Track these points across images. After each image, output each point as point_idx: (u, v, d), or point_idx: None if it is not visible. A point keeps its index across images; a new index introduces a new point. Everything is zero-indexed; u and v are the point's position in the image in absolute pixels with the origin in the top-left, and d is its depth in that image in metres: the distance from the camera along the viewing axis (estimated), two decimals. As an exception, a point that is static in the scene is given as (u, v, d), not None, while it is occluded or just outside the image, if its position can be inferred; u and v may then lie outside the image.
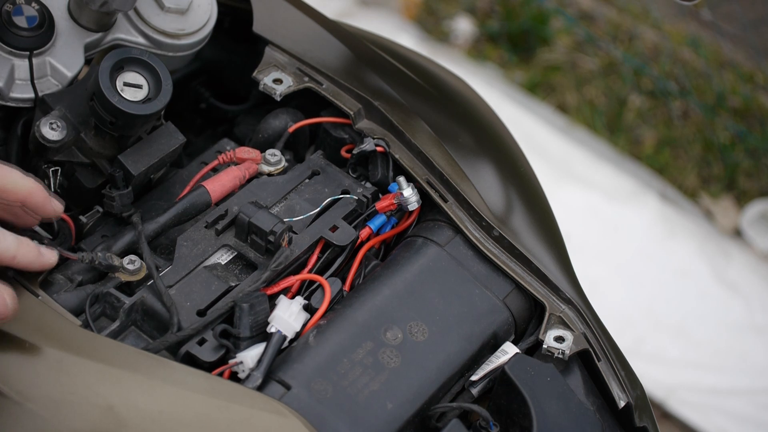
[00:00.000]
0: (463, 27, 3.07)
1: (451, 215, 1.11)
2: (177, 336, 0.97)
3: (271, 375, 0.96)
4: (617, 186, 2.74)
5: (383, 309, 1.02)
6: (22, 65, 1.07)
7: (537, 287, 1.09)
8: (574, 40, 3.08)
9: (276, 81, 1.18)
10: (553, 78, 2.99)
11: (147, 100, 1.05)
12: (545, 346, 1.05)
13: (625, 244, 2.64)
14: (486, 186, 1.16)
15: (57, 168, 1.09)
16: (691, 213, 2.72)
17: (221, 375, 0.96)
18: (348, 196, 1.12)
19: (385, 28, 2.91)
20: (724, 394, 2.38)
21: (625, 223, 2.68)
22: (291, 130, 1.17)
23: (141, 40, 1.14)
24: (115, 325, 0.99)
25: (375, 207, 1.11)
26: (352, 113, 1.16)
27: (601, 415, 1.05)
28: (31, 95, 1.08)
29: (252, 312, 0.99)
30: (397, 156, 1.14)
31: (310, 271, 1.06)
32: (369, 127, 1.16)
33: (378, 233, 1.12)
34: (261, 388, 0.95)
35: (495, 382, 1.02)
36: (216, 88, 1.32)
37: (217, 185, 1.10)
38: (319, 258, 1.07)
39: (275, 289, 1.03)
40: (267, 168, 1.13)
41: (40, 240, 1.00)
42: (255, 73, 1.18)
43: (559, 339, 1.06)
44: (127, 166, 1.08)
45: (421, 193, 1.12)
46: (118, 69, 1.05)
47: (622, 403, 1.06)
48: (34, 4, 1.07)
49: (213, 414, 0.89)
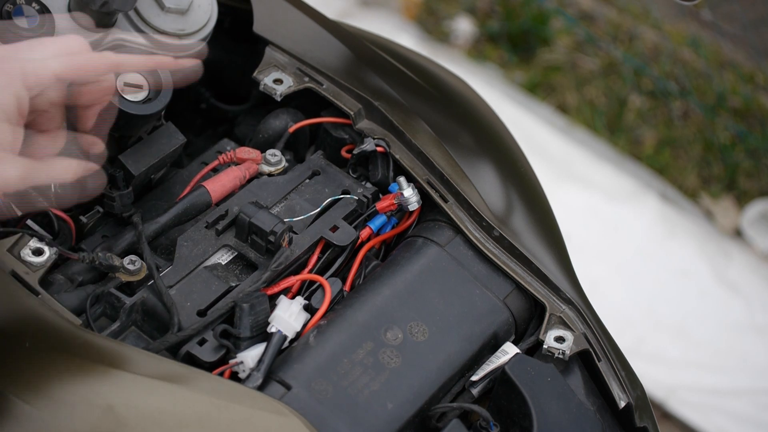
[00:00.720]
0: (464, 27, 3.06)
1: (452, 215, 1.11)
2: (177, 336, 0.97)
3: (272, 375, 0.96)
4: (617, 186, 2.74)
5: (383, 309, 1.02)
6: (22, 65, 1.07)
7: (537, 287, 1.09)
8: (574, 40, 3.08)
9: (276, 81, 1.18)
10: (554, 78, 2.99)
11: (147, 100, 1.05)
12: (545, 346, 1.05)
13: (626, 244, 2.64)
14: (486, 186, 1.16)
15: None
16: (692, 213, 2.71)
17: (222, 375, 0.96)
18: (348, 196, 1.12)
19: (386, 28, 2.90)
20: (724, 394, 2.38)
21: (626, 224, 2.68)
22: (291, 130, 1.17)
23: (141, 40, 1.14)
24: (116, 325, 0.99)
25: (375, 207, 1.11)
26: (352, 113, 1.16)
27: (602, 416, 1.05)
28: (32, 95, 1.08)
29: (252, 312, 0.99)
30: (398, 156, 1.14)
31: (310, 272, 1.06)
32: (369, 128, 1.16)
33: (378, 233, 1.12)
34: (261, 388, 0.95)
35: (495, 382, 1.02)
36: (216, 88, 1.31)
37: (218, 185, 1.10)
38: (320, 258, 1.07)
39: (275, 290, 1.03)
40: (267, 168, 1.13)
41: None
42: (255, 74, 1.18)
43: (560, 339, 1.06)
44: (128, 166, 1.08)
45: (422, 194, 1.12)
46: (118, 69, 1.05)
47: (622, 404, 1.06)
48: (34, 4, 1.07)
49: (213, 414, 0.89)
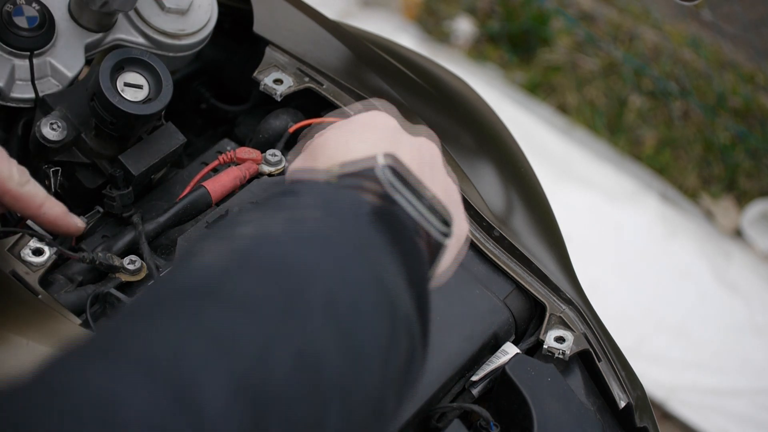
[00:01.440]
0: (464, 27, 3.07)
1: (452, 215, 1.11)
2: (177, 336, 0.97)
3: (272, 375, 0.96)
4: (618, 186, 2.74)
5: (384, 309, 1.02)
6: (22, 65, 1.07)
7: (537, 287, 1.09)
8: (574, 40, 3.08)
9: (276, 81, 1.18)
10: (554, 78, 2.99)
11: (147, 100, 1.05)
12: (546, 346, 1.05)
13: (626, 244, 2.64)
14: (486, 186, 1.16)
15: (57, 168, 1.09)
16: (692, 213, 2.72)
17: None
18: (348, 196, 1.11)
19: (386, 28, 2.91)
20: (724, 394, 2.38)
21: (626, 224, 2.68)
22: (291, 130, 1.17)
23: (141, 40, 1.14)
24: (116, 326, 0.99)
25: (375, 207, 1.11)
26: (352, 114, 1.16)
27: (602, 416, 1.05)
28: (32, 95, 1.08)
29: (252, 312, 0.99)
30: (398, 156, 1.14)
31: (310, 272, 1.06)
32: (369, 128, 1.16)
33: (378, 233, 1.11)
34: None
35: (495, 382, 1.02)
36: (216, 88, 1.31)
37: (218, 185, 1.10)
38: (320, 258, 1.07)
39: (276, 290, 1.03)
40: (267, 168, 1.13)
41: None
42: (255, 74, 1.18)
43: (560, 339, 1.06)
44: (128, 166, 1.08)
45: (422, 194, 1.12)
46: (118, 69, 1.05)
47: (622, 404, 1.06)
48: (34, 4, 1.07)
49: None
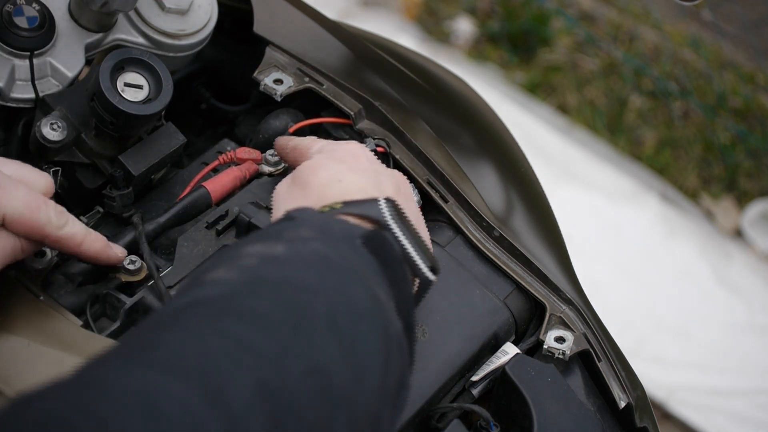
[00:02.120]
0: (464, 27, 3.07)
1: (452, 216, 1.11)
2: (177, 336, 0.97)
3: (272, 375, 0.96)
4: (618, 186, 2.74)
5: (384, 309, 1.02)
6: (22, 66, 1.07)
7: (537, 288, 1.09)
8: (574, 40, 3.08)
9: (276, 81, 1.18)
10: (554, 78, 2.99)
11: (147, 100, 1.05)
12: (546, 346, 1.05)
13: (626, 244, 2.64)
14: (486, 186, 1.16)
15: (57, 168, 1.09)
16: (692, 213, 2.72)
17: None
18: (348, 196, 1.11)
19: (386, 28, 2.91)
20: (724, 394, 2.38)
21: (626, 224, 2.68)
22: (291, 130, 1.17)
23: (141, 40, 1.14)
24: (116, 326, 0.99)
25: (375, 207, 1.11)
26: (352, 114, 1.16)
27: (602, 416, 1.05)
28: (32, 96, 1.08)
29: (252, 312, 0.99)
30: (398, 156, 1.14)
31: (310, 272, 1.06)
32: (369, 128, 1.16)
33: (378, 234, 1.12)
34: (261, 388, 0.94)
35: (495, 382, 1.02)
36: (217, 88, 1.32)
37: (218, 186, 1.10)
38: (320, 258, 1.07)
39: (276, 290, 1.03)
40: (268, 168, 1.13)
41: None
42: (255, 74, 1.18)
43: (560, 339, 1.06)
44: (128, 166, 1.08)
45: (422, 194, 1.12)
46: (118, 69, 1.05)
47: (622, 404, 1.06)
48: (34, 4, 1.07)
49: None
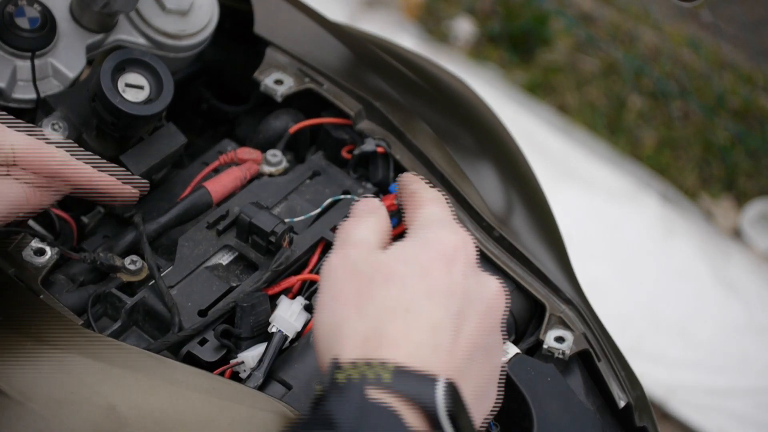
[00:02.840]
0: (464, 28, 3.07)
1: (452, 216, 1.11)
2: (178, 336, 0.97)
3: (273, 375, 0.96)
4: (617, 186, 2.75)
5: (384, 309, 1.02)
6: (24, 66, 1.08)
7: (537, 287, 1.09)
8: (574, 40, 3.08)
9: (277, 82, 1.18)
10: (554, 79, 2.99)
11: (148, 101, 1.06)
12: (545, 346, 1.05)
13: (626, 244, 2.65)
14: (486, 187, 1.16)
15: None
16: (692, 213, 2.72)
17: (222, 375, 0.96)
18: (349, 196, 1.12)
19: (386, 28, 2.91)
20: (724, 394, 2.38)
21: (626, 224, 2.68)
22: (292, 130, 1.17)
23: (142, 41, 1.14)
24: (117, 325, 0.99)
25: (376, 207, 1.11)
26: (352, 114, 1.16)
27: (602, 416, 1.05)
28: (33, 96, 1.08)
29: (253, 312, 0.99)
30: (398, 157, 1.14)
31: (311, 272, 1.06)
32: (370, 128, 1.16)
33: (379, 234, 1.12)
34: (262, 387, 0.95)
35: (495, 382, 1.02)
36: (217, 88, 1.32)
37: (219, 186, 1.10)
38: (320, 258, 1.07)
39: (276, 290, 1.04)
40: (268, 168, 1.14)
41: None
42: (256, 74, 1.19)
43: (560, 339, 1.06)
44: (129, 166, 1.08)
45: (422, 194, 1.13)
46: (119, 70, 1.05)
47: (622, 404, 1.06)
48: (36, 5, 1.08)
49: (214, 413, 0.90)
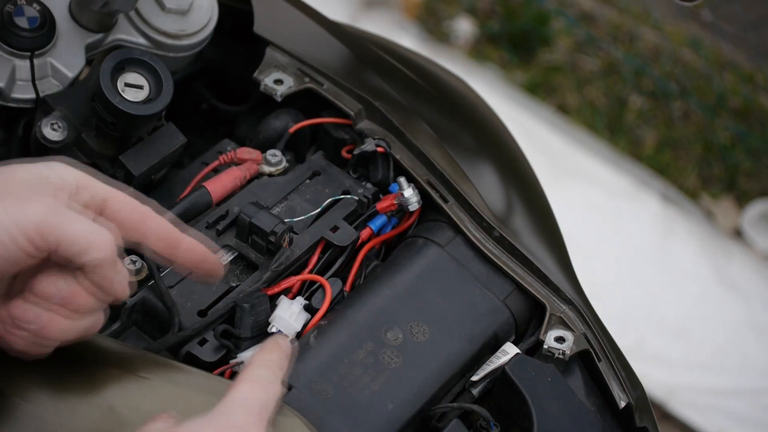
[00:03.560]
0: (464, 27, 3.07)
1: (452, 216, 1.11)
2: (178, 336, 0.97)
3: (272, 375, 0.96)
4: (618, 186, 2.74)
5: (384, 309, 1.02)
6: (23, 66, 1.07)
7: (538, 288, 1.09)
8: (574, 40, 3.08)
9: (277, 82, 1.18)
10: (554, 79, 2.99)
11: (148, 100, 1.05)
12: (546, 346, 1.05)
13: (626, 244, 2.64)
14: (487, 186, 1.16)
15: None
16: (692, 213, 2.72)
17: (222, 375, 0.96)
18: (349, 196, 1.12)
19: (386, 29, 2.91)
20: (725, 394, 2.38)
21: (626, 224, 2.68)
22: (292, 130, 1.17)
23: (142, 40, 1.14)
24: (116, 326, 0.99)
25: (376, 207, 1.11)
26: (352, 114, 1.16)
27: (602, 416, 1.05)
28: (32, 96, 1.08)
29: (253, 312, 0.99)
30: (398, 156, 1.14)
31: (310, 272, 1.06)
32: (370, 128, 1.16)
33: (379, 234, 1.12)
34: (262, 388, 0.95)
35: (496, 382, 1.02)
36: (217, 88, 1.32)
37: (218, 186, 1.10)
38: (320, 258, 1.07)
39: (276, 290, 1.03)
40: (268, 168, 1.13)
41: None
42: (256, 74, 1.18)
43: (560, 339, 1.06)
44: (128, 166, 1.08)
45: (422, 194, 1.12)
46: (119, 70, 1.05)
47: (622, 404, 1.06)
48: (35, 4, 1.07)
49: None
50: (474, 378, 1.03)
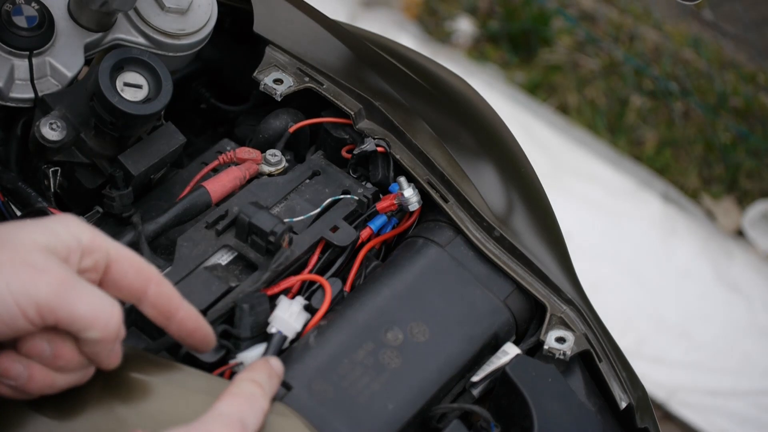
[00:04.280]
0: (464, 27, 3.06)
1: (452, 216, 1.11)
2: (177, 336, 0.97)
3: (272, 376, 0.96)
4: (618, 186, 2.74)
5: (384, 310, 1.02)
6: (21, 65, 1.07)
7: (538, 288, 1.09)
8: (575, 40, 3.08)
9: (276, 81, 1.18)
10: (554, 78, 2.99)
11: (147, 100, 1.05)
12: (546, 346, 1.05)
13: (627, 244, 2.64)
14: (487, 186, 1.16)
15: (57, 168, 1.09)
16: (693, 213, 2.71)
17: (222, 375, 0.96)
18: (349, 196, 1.11)
19: (386, 28, 2.91)
20: (725, 395, 2.38)
21: (627, 224, 2.68)
22: (291, 130, 1.17)
23: (141, 40, 1.14)
24: (115, 326, 0.99)
25: (376, 207, 1.11)
26: (352, 113, 1.16)
27: (603, 416, 1.05)
28: (31, 95, 1.08)
29: (252, 312, 0.99)
30: (398, 156, 1.14)
31: (310, 272, 1.06)
32: (370, 128, 1.16)
33: (379, 234, 1.12)
34: (261, 388, 0.94)
35: (496, 382, 1.02)
36: (216, 88, 1.31)
37: (218, 185, 1.10)
38: (320, 258, 1.07)
39: (276, 290, 1.03)
40: (267, 168, 1.13)
41: None
42: (255, 74, 1.18)
43: (560, 340, 1.05)
44: (128, 166, 1.07)
45: (422, 194, 1.12)
46: (118, 69, 1.05)
47: (623, 404, 1.06)
48: (33, 3, 1.07)
49: (213, 415, 0.89)
50: (474, 378, 1.03)
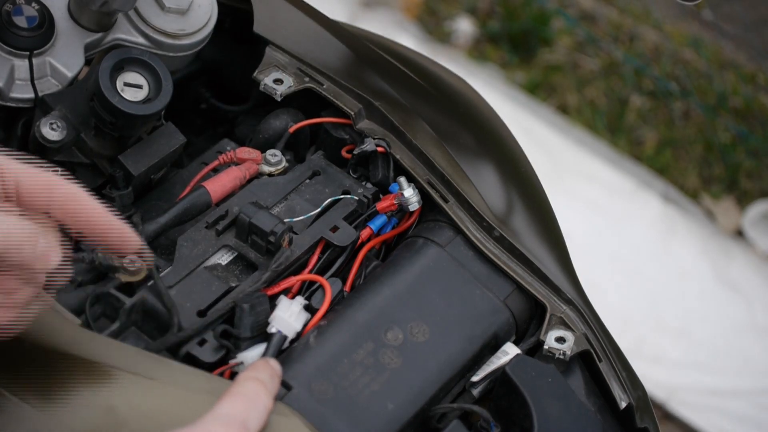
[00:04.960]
0: (464, 27, 3.06)
1: (452, 216, 1.11)
2: (177, 336, 0.97)
3: (272, 375, 0.96)
4: (618, 186, 2.74)
5: (384, 309, 1.02)
6: (22, 65, 1.07)
7: (538, 288, 1.09)
8: (575, 40, 3.08)
9: (276, 81, 1.18)
10: (554, 79, 2.99)
11: (147, 100, 1.05)
12: (546, 346, 1.05)
13: (627, 244, 2.64)
14: (487, 186, 1.16)
15: (57, 168, 1.09)
16: (693, 214, 2.71)
17: (222, 375, 0.96)
18: (349, 196, 1.11)
19: (386, 28, 2.91)
20: (725, 395, 2.38)
21: (627, 224, 2.68)
22: (291, 130, 1.17)
23: (141, 40, 1.14)
24: (116, 326, 0.99)
25: (376, 207, 1.11)
26: (352, 113, 1.16)
27: (602, 416, 1.05)
28: (31, 95, 1.08)
29: (252, 312, 0.99)
30: (398, 156, 1.14)
31: (310, 272, 1.06)
32: (370, 128, 1.16)
33: (379, 234, 1.12)
34: (261, 388, 0.94)
35: (496, 382, 1.02)
36: (216, 88, 1.31)
37: (218, 186, 1.10)
38: (320, 258, 1.07)
39: (276, 290, 1.03)
40: (267, 168, 1.13)
41: None
42: (255, 74, 1.18)
43: (560, 340, 1.06)
44: (128, 166, 1.07)
45: (422, 194, 1.12)
46: (118, 69, 1.05)
47: (623, 404, 1.06)
48: (34, 4, 1.07)
49: (213, 415, 0.89)
50: (474, 378, 1.03)
